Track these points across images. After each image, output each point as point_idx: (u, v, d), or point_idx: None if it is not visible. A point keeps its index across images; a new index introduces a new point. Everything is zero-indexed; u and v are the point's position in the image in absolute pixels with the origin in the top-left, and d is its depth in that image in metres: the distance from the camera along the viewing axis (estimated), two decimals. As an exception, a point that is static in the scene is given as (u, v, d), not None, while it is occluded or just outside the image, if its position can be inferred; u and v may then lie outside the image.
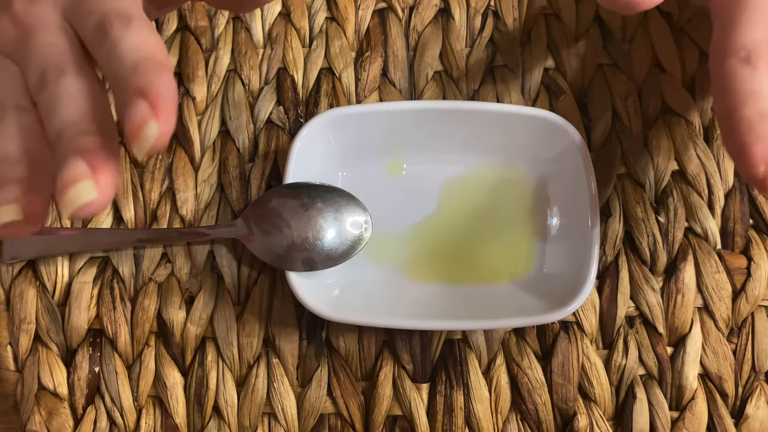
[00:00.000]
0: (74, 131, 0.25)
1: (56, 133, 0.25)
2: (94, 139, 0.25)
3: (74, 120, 0.26)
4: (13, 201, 0.25)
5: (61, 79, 0.26)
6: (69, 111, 0.26)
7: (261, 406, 0.34)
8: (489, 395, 0.34)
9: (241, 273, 0.35)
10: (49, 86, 0.26)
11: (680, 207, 0.36)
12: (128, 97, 0.24)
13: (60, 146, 0.25)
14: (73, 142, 0.25)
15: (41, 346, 0.35)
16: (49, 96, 0.26)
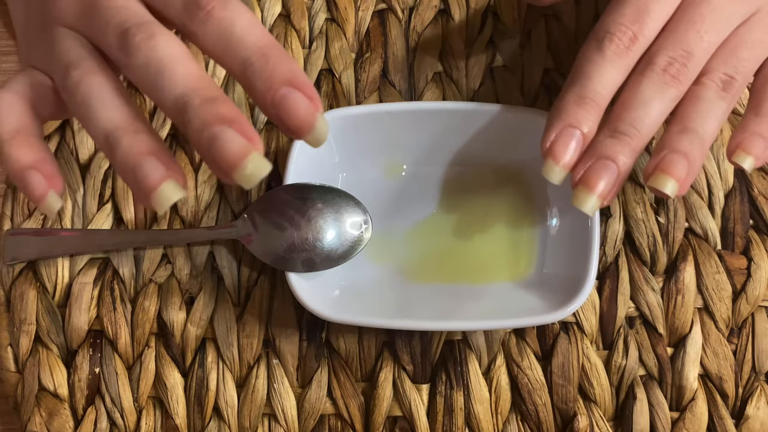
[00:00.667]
0: (203, 98, 0.24)
1: (175, 99, 0.24)
2: (230, 106, 0.24)
3: (194, 85, 0.24)
4: (166, 177, 0.24)
5: (154, 42, 0.25)
6: (183, 75, 0.24)
7: (261, 406, 0.34)
8: (489, 396, 0.34)
9: (242, 274, 0.35)
10: (141, 49, 0.25)
11: (680, 207, 0.36)
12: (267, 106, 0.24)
13: (190, 115, 0.24)
14: (210, 111, 0.23)
15: (42, 347, 0.35)
16: (145, 59, 0.25)
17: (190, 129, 0.24)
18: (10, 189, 0.37)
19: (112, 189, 0.37)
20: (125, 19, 0.26)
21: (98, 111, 0.25)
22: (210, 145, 0.23)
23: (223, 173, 0.23)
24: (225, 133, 0.23)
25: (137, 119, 0.25)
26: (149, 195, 0.24)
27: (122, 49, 0.25)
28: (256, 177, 0.23)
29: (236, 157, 0.23)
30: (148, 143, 0.25)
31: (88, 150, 0.38)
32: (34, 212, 0.37)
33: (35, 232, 0.36)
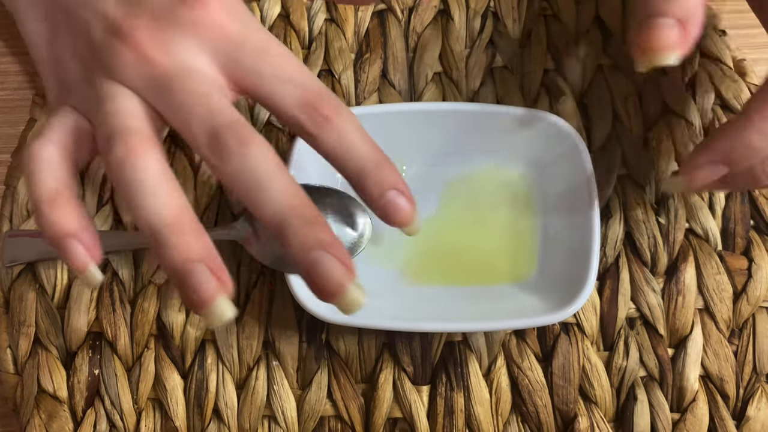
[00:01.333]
0: (302, 220, 0.25)
1: (272, 215, 0.25)
2: (328, 229, 0.25)
3: (291, 203, 0.25)
4: (219, 291, 0.25)
5: (248, 151, 0.25)
6: (280, 193, 0.25)
7: (261, 408, 0.34)
8: (489, 397, 0.34)
9: (241, 275, 0.35)
10: (235, 157, 0.25)
11: (681, 208, 0.36)
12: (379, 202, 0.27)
13: (289, 236, 0.24)
14: (310, 235, 0.24)
15: (41, 349, 0.35)
16: (240, 168, 0.25)
17: (289, 247, 0.25)
18: (9, 190, 0.37)
19: (111, 191, 0.37)
20: (211, 113, 0.26)
21: (143, 200, 0.25)
22: (310, 270, 0.24)
23: (323, 297, 0.25)
24: (326, 260, 0.24)
25: (184, 212, 0.25)
26: (200, 310, 0.24)
27: (213, 151, 0.25)
28: (356, 305, 0.24)
29: (337, 286, 0.24)
30: (198, 247, 0.25)
31: (87, 151, 0.37)
32: (33, 214, 0.36)
33: (34, 233, 0.36)
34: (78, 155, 0.28)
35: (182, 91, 0.26)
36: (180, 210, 0.25)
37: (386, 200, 0.27)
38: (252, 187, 0.25)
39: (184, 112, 0.26)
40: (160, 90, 0.27)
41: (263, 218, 0.25)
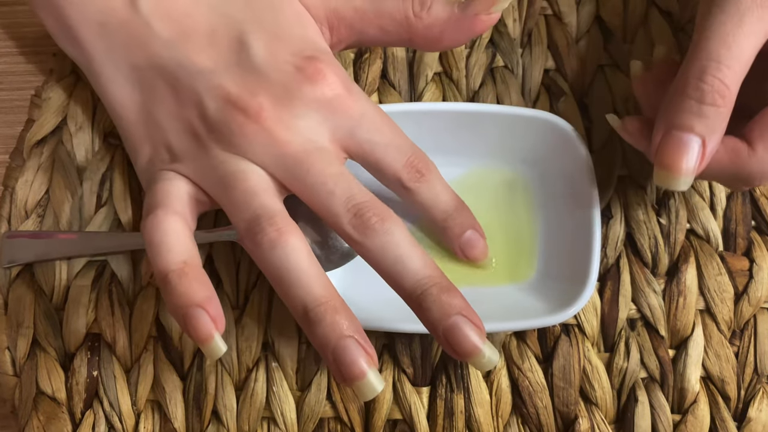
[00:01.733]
0: (439, 288, 0.27)
1: (413, 286, 0.27)
2: (462, 296, 0.27)
3: (430, 273, 0.27)
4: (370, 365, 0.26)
5: (389, 226, 0.28)
6: (420, 264, 0.27)
7: (260, 410, 0.34)
8: (490, 399, 0.34)
9: (240, 276, 0.35)
10: (379, 234, 0.28)
11: (682, 208, 0.36)
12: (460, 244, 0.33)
13: (428, 303, 0.27)
14: (448, 301, 0.27)
15: (39, 351, 0.35)
16: (383, 244, 0.27)
17: (429, 315, 0.27)
18: (7, 191, 0.37)
19: (110, 191, 0.37)
20: (351, 194, 0.28)
21: (298, 281, 0.27)
22: (448, 333, 0.26)
23: (460, 356, 0.27)
24: (462, 324, 0.26)
25: (333, 291, 0.27)
26: (353, 383, 0.26)
27: (356, 228, 0.28)
28: (490, 364, 0.26)
29: (473, 347, 0.26)
30: (348, 323, 0.26)
31: (85, 152, 0.37)
32: (32, 214, 0.36)
33: (32, 234, 0.36)
34: (192, 223, 0.30)
35: (316, 172, 0.28)
36: (330, 289, 0.27)
37: (466, 238, 0.33)
38: (394, 261, 0.27)
39: (324, 191, 0.28)
40: (292, 169, 0.29)
41: (403, 289, 0.27)
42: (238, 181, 0.28)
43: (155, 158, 0.31)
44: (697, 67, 0.28)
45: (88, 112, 0.38)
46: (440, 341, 0.27)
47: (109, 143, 0.37)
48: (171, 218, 0.28)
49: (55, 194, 0.37)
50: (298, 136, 0.29)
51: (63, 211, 0.36)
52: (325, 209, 0.28)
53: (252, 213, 0.28)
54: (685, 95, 0.28)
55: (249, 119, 0.28)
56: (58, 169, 0.37)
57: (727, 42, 0.28)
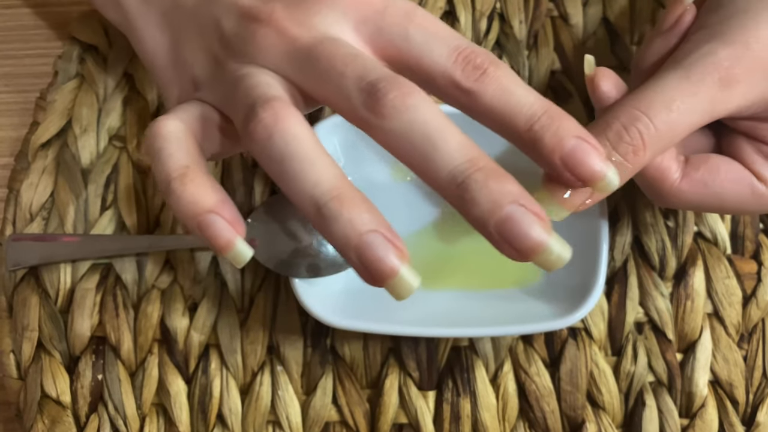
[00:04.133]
0: (486, 173, 0.22)
1: (450, 173, 0.23)
2: (515, 181, 0.23)
3: (471, 156, 0.23)
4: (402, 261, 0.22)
5: (413, 101, 0.23)
6: (457, 145, 0.23)
7: (265, 414, 0.34)
8: (496, 403, 0.34)
9: (245, 280, 0.35)
10: (400, 111, 0.23)
11: (689, 211, 0.35)
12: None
13: (474, 193, 0.22)
14: (499, 188, 0.22)
15: (44, 354, 0.35)
16: (407, 124, 0.23)
17: (475, 208, 0.22)
18: (12, 194, 0.37)
19: (115, 194, 0.37)
20: (365, 70, 0.24)
21: (302, 172, 0.23)
22: (503, 228, 0.22)
23: (521, 255, 0.22)
24: (521, 215, 0.22)
25: (345, 180, 0.23)
26: (384, 282, 0.22)
27: (372, 107, 0.23)
28: (561, 260, 0.22)
29: (537, 243, 0.22)
30: (370, 216, 0.22)
31: (90, 154, 0.37)
32: (36, 217, 0.36)
33: (37, 237, 0.36)
34: (203, 143, 0.27)
35: (329, 55, 0.24)
36: (342, 179, 0.23)
37: (570, 148, 0.23)
38: (422, 143, 0.22)
39: (334, 74, 0.24)
40: (304, 61, 0.25)
41: (437, 179, 0.23)
42: (244, 79, 0.25)
43: (182, 95, 0.29)
44: (630, 113, 0.26)
45: (93, 115, 0.38)
46: (493, 240, 0.22)
47: (114, 146, 0.37)
48: (172, 123, 0.26)
49: (60, 197, 0.36)
50: (312, 31, 0.25)
51: (68, 213, 0.36)
52: (338, 96, 0.24)
53: (248, 104, 0.24)
54: (605, 132, 0.27)
55: (261, 24, 0.26)
56: (63, 171, 0.37)
57: (670, 106, 0.26)
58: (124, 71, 0.39)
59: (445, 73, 0.24)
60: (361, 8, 0.26)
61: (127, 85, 0.38)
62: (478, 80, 0.24)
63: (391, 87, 0.23)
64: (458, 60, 0.24)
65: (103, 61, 0.39)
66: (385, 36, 0.25)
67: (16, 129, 0.39)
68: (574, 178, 0.24)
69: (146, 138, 0.26)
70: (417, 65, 0.25)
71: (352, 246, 0.22)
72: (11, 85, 0.40)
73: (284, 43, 0.25)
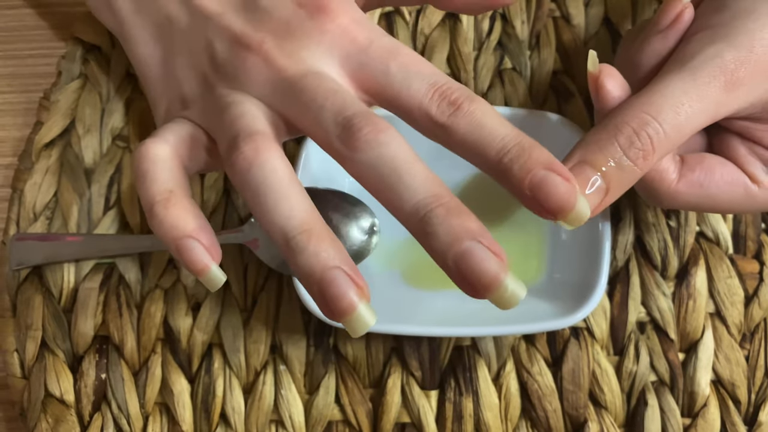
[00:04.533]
0: (447, 208, 0.23)
1: (414, 206, 0.23)
2: (475, 218, 0.23)
3: (434, 192, 0.24)
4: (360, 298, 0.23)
5: (384, 137, 0.24)
6: (422, 180, 0.24)
7: (268, 413, 0.34)
8: (498, 402, 0.34)
9: (248, 279, 0.35)
10: (372, 145, 0.24)
11: (691, 211, 0.36)
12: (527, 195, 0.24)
13: (435, 227, 0.23)
14: (458, 224, 0.23)
15: (48, 353, 0.35)
16: (376, 157, 0.24)
17: (434, 241, 0.23)
18: (16, 194, 0.37)
19: (118, 193, 0.37)
20: (343, 105, 0.25)
21: (276, 205, 0.24)
22: (461, 262, 0.22)
23: (476, 291, 0.22)
24: (478, 251, 0.22)
25: (316, 217, 0.24)
26: (341, 318, 0.23)
27: (345, 140, 0.24)
28: (515, 300, 0.22)
29: (493, 278, 0.22)
30: (334, 252, 0.23)
31: (93, 154, 0.37)
32: (40, 217, 0.36)
33: (41, 237, 0.36)
34: (188, 163, 0.28)
35: (311, 88, 0.26)
36: (312, 214, 0.24)
37: (538, 178, 0.23)
38: (389, 177, 0.24)
39: (315, 107, 0.25)
40: (288, 91, 0.26)
41: (401, 211, 0.24)
42: (230, 108, 0.27)
43: (170, 111, 0.30)
44: (641, 118, 0.26)
45: (96, 115, 0.38)
46: (450, 273, 0.23)
47: (117, 146, 0.37)
48: (158, 146, 0.27)
49: (64, 197, 0.37)
50: (299, 64, 0.27)
51: (71, 213, 0.36)
52: (316, 127, 0.25)
53: (232, 134, 0.25)
54: (615, 137, 0.26)
55: (251, 53, 0.27)
56: (67, 171, 0.37)
57: (678, 110, 0.26)
58: (127, 71, 0.39)
59: (421, 108, 0.25)
60: (346, 45, 0.27)
61: (130, 85, 0.39)
62: (452, 115, 0.25)
63: (365, 123, 0.24)
64: (434, 96, 0.25)
65: (106, 61, 0.39)
66: (367, 71, 0.26)
67: (19, 129, 0.39)
68: (545, 210, 0.24)
69: (133, 159, 0.27)
70: (396, 99, 0.26)
71: (315, 279, 0.23)
72: (14, 85, 0.40)
73: (271, 73, 0.27)
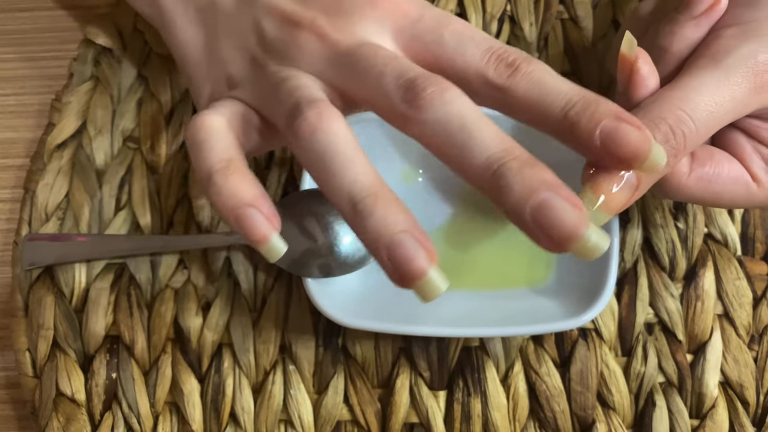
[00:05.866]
0: (521, 161, 0.22)
1: (485, 161, 0.23)
2: (549, 170, 0.22)
3: (506, 146, 0.23)
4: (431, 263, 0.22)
5: (450, 95, 0.24)
6: (492, 135, 0.23)
7: (277, 413, 0.34)
8: (507, 403, 0.34)
9: (258, 279, 0.35)
10: (437, 103, 0.23)
11: (699, 212, 0.36)
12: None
13: (509, 179, 0.22)
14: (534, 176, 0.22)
15: (59, 352, 0.35)
16: (444, 115, 0.23)
17: (509, 195, 0.22)
18: (28, 194, 0.37)
19: (129, 194, 0.37)
20: (403, 69, 0.25)
21: (343, 168, 0.23)
22: (538, 214, 0.21)
23: (556, 244, 0.21)
24: (556, 201, 0.21)
25: (383, 182, 0.24)
26: (412, 283, 0.22)
27: (410, 101, 0.24)
28: (599, 249, 0.21)
29: (574, 228, 0.21)
30: (403, 217, 0.23)
31: (104, 155, 0.38)
32: (52, 217, 0.37)
33: (52, 237, 0.36)
34: (242, 139, 0.27)
35: (368, 57, 0.25)
36: (379, 179, 0.24)
37: (607, 128, 0.23)
38: (459, 133, 0.23)
39: (374, 74, 0.25)
40: (344, 64, 0.26)
41: (472, 167, 0.23)
42: (287, 81, 0.26)
43: (215, 92, 0.30)
44: (677, 115, 0.26)
45: (107, 116, 0.38)
46: (526, 227, 0.22)
47: (128, 147, 0.38)
48: (215, 118, 0.27)
49: (75, 197, 0.37)
50: (353, 37, 0.26)
51: (83, 214, 0.37)
52: (377, 94, 0.25)
53: (293, 103, 0.25)
54: (653, 133, 0.26)
55: (303, 30, 0.27)
56: (78, 172, 0.37)
57: (711, 109, 0.26)
58: (138, 73, 0.39)
59: (478, 72, 0.25)
60: (398, 18, 0.27)
61: (141, 86, 0.39)
62: (510, 76, 0.24)
63: (428, 83, 0.24)
64: (490, 59, 0.25)
65: (118, 63, 0.39)
66: (420, 42, 0.26)
67: (31, 130, 0.39)
68: (618, 160, 0.23)
69: (188, 130, 0.27)
70: (451, 67, 0.26)
71: (384, 244, 0.22)
72: (27, 87, 0.40)
73: (325, 48, 0.27)
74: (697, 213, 0.36)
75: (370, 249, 0.23)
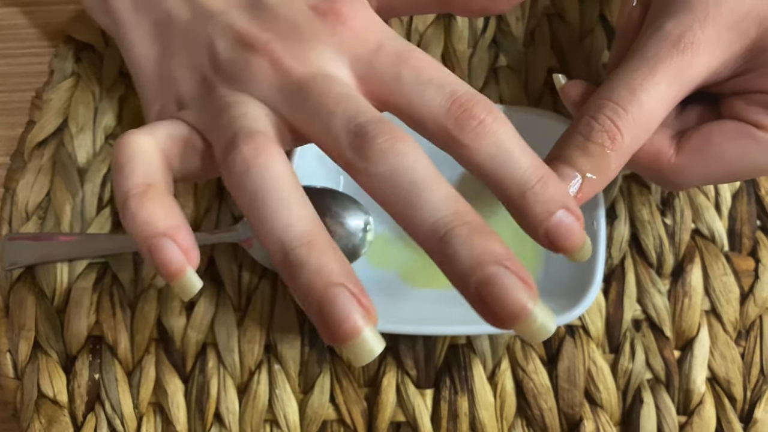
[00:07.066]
0: (470, 228, 0.21)
1: (433, 225, 0.21)
2: (501, 240, 0.22)
3: (455, 209, 0.21)
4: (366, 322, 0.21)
5: (402, 148, 0.22)
6: (443, 196, 0.22)
7: (263, 413, 0.34)
8: (494, 401, 0.34)
9: (242, 278, 0.35)
10: (388, 157, 0.22)
11: (686, 208, 0.35)
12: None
13: (456, 247, 0.21)
14: (482, 246, 0.21)
15: (41, 353, 0.34)
16: (393, 169, 0.22)
17: (454, 264, 0.21)
18: (8, 193, 0.37)
19: (111, 193, 0.36)
20: (355, 111, 0.23)
21: (276, 212, 0.22)
22: (483, 290, 0.21)
23: (500, 322, 0.21)
24: (504, 277, 0.20)
25: (319, 228, 0.22)
26: (344, 343, 0.21)
27: (358, 149, 0.22)
28: (545, 331, 0.20)
29: (520, 308, 0.20)
30: (339, 267, 0.21)
31: (86, 153, 0.37)
32: (33, 216, 0.36)
33: (33, 236, 0.36)
34: (177, 164, 0.26)
35: (320, 92, 0.24)
36: (315, 225, 0.22)
37: (555, 221, 0.23)
38: (407, 191, 0.22)
39: (324, 113, 0.23)
40: (295, 96, 0.24)
41: (419, 230, 0.22)
42: (231, 107, 0.25)
43: (164, 111, 0.28)
44: (596, 104, 0.27)
45: (89, 114, 0.38)
46: (472, 301, 0.21)
47: (110, 145, 0.37)
48: (142, 139, 0.25)
49: (56, 196, 0.36)
50: (306, 66, 0.25)
51: (64, 213, 0.36)
52: (325, 135, 0.23)
53: (232, 133, 0.23)
54: (575, 129, 0.27)
55: (256, 53, 0.25)
56: (59, 170, 0.37)
57: (632, 86, 0.26)
58: (119, 70, 0.39)
59: (437, 121, 0.24)
60: (356, 46, 0.25)
61: (122, 84, 0.38)
62: (472, 134, 0.23)
63: (380, 131, 0.22)
64: (452, 108, 0.23)
65: (99, 59, 0.39)
66: (377, 74, 0.25)
67: (11, 128, 0.39)
68: (557, 249, 0.24)
69: (113, 150, 0.25)
70: (407, 107, 0.24)
71: (316, 298, 0.21)
72: (7, 84, 0.39)
73: (277, 75, 0.25)
74: (684, 209, 0.35)
75: (301, 304, 0.22)
